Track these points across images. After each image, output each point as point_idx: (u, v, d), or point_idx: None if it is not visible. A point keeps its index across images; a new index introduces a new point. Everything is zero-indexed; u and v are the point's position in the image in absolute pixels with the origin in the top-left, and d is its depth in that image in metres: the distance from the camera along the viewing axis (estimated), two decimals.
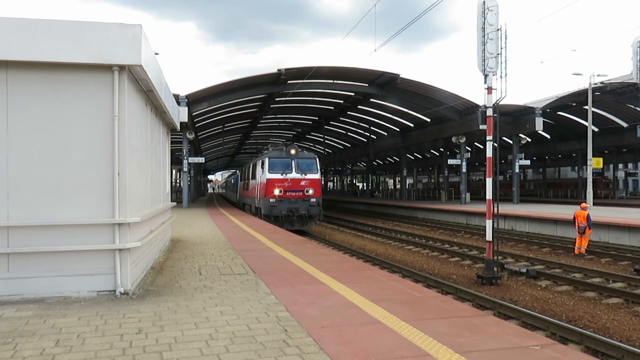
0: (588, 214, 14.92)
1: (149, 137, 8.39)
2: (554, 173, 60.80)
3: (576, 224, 15.02)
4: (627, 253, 14.68)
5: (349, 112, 40.64)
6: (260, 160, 22.40)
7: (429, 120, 36.31)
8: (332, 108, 40.20)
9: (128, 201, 6.16)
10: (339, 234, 22.55)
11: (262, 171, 21.47)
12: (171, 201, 12.62)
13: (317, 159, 22.18)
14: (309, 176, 21.06)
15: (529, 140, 45.06)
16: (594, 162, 27.03)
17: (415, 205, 33.12)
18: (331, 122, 46.23)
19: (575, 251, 14.99)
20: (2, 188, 5.77)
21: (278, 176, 20.67)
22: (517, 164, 32.21)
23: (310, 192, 20.83)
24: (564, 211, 22.28)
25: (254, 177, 24.22)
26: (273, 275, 7.51)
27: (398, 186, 61.33)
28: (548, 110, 32.59)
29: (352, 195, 62.59)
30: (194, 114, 29.36)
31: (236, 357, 4.03)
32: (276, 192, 20.43)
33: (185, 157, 30.21)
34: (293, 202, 20.56)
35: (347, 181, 77.67)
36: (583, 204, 15.71)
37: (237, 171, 40.15)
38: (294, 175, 20.78)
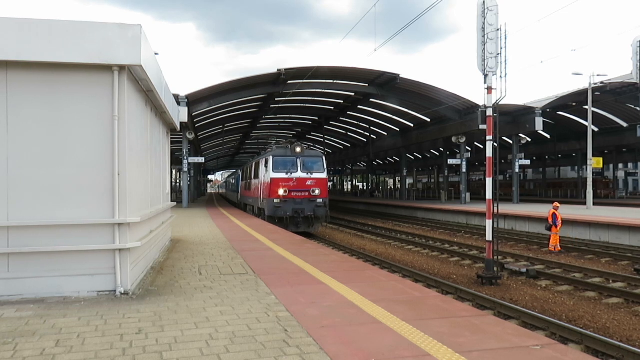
0: (553, 213, 15.49)
1: (149, 137, 8.39)
2: (554, 173, 60.83)
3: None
4: (627, 253, 14.68)
5: (349, 112, 40.66)
6: (264, 159, 21.59)
7: (429, 120, 36.33)
8: (332, 108, 40.21)
9: (128, 201, 6.16)
10: (339, 234, 22.54)
11: (266, 170, 20.68)
12: (171, 201, 12.62)
13: (324, 158, 21.39)
14: (315, 175, 20.19)
15: (529, 140, 45.10)
16: (594, 162, 27.02)
17: (415, 205, 33.12)
18: (331, 122, 46.24)
19: (550, 248, 15.61)
20: (2, 188, 5.77)
21: (283, 175, 19.83)
22: (517, 163, 32.23)
23: (317, 192, 19.97)
24: (564, 211, 22.25)
25: (256, 176, 23.42)
26: (273, 275, 7.51)
27: (398, 186, 61.32)
28: (548, 110, 32.60)
29: (352, 195, 62.59)
30: (194, 114, 29.36)
31: (236, 357, 4.03)
32: (281, 192, 19.60)
33: (185, 157, 30.22)
34: (298, 203, 19.63)
35: (347, 181, 77.65)
36: (555, 204, 16.27)
37: (238, 171, 39.84)
38: (299, 174, 19.94)
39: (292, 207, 19.55)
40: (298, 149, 20.57)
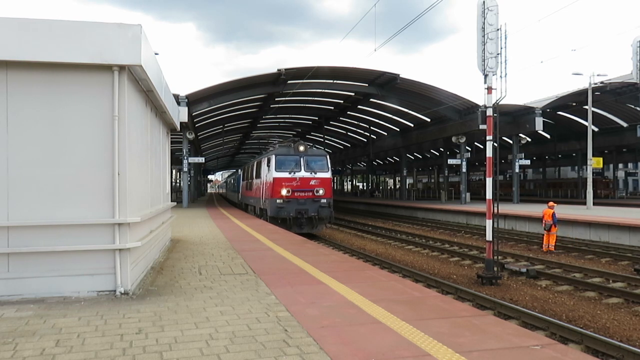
0: (553, 212, 15.44)
1: (149, 137, 8.39)
2: (554, 173, 60.84)
3: (543, 222, 15.64)
4: (627, 253, 14.68)
5: (349, 112, 40.66)
6: (266, 158, 21.10)
7: (429, 120, 36.33)
8: (332, 108, 40.21)
9: (128, 201, 6.15)
10: (339, 234, 22.54)
11: (268, 170, 20.19)
12: (171, 201, 12.62)
13: (328, 157, 20.90)
14: (319, 175, 19.63)
15: (529, 140, 45.08)
16: (594, 162, 27.01)
17: (415, 205, 33.12)
18: (331, 122, 46.23)
19: (544, 248, 15.57)
20: (2, 188, 5.77)
21: (286, 175, 19.27)
22: (517, 163, 32.23)
23: (321, 192, 19.44)
24: (564, 211, 22.28)
25: (258, 176, 22.98)
26: (273, 275, 7.50)
27: (398, 186, 61.33)
28: (548, 110, 32.60)
29: (352, 195, 62.54)
30: (194, 114, 29.35)
31: (236, 357, 4.03)
32: (283, 192, 19.04)
33: (185, 157, 30.21)
34: (302, 203, 19.15)
35: (347, 181, 77.57)
36: (550, 203, 16.24)
37: (239, 170, 39.57)
38: (302, 174, 19.40)
39: (295, 208, 19.11)
40: (301, 148, 20.05)
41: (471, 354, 4.05)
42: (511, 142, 33.22)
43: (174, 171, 45.95)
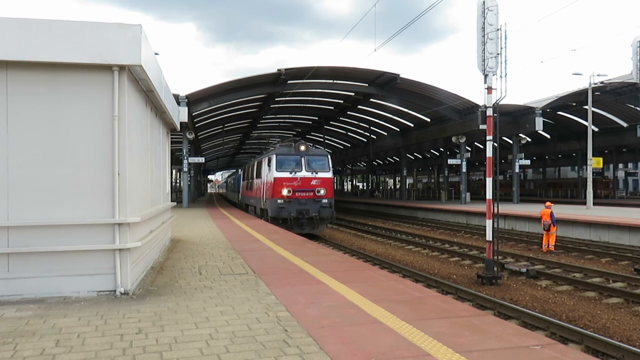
0: (551, 212, 15.49)
1: (149, 137, 8.39)
2: (554, 173, 60.85)
3: (542, 222, 15.69)
4: (627, 253, 14.68)
5: (349, 112, 40.67)
6: (267, 158, 20.90)
7: (429, 120, 36.34)
8: (332, 108, 40.21)
9: (128, 201, 6.16)
10: (339, 234, 22.54)
11: (269, 169, 20.09)
12: (171, 201, 12.62)
13: (329, 156, 20.79)
14: (320, 175, 19.57)
15: (529, 140, 45.09)
16: (594, 162, 27.01)
17: (415, 205, 33.12)
18: (331, 122, 46.24)
19: (544, 248, 15.60)
20: (2, 188, 5.77)
21: (286, 175, 19.20)
22: (517, 163, 32.23)
23: (322, 192, 19.41)
24: (564, 211, 22.29)
25: (259, 175, 22.87)
26: (273, 275, 7.51)
27: (398, 186, 61.31)
28: (548, 110, 32.60)
29: (352, 195, 62.51)
30: (194, 114, 29.36)
31: (236, 357, 4.03)
32: (284, 192, 18.97)
33: (185, 157, 30.21)
34: (303, 203, 19.08)
35: (347, 181, 77.54)
36: (547, 203, 16.30)
37: (239, 170, 39.43)
38: (303, 173, 19.33)
39: (296, 208, 19.01)
40: (302, 147, 19.93)
41: (471, 354, 4.05)
42: (511, 142, 33.23)
43: (174, 171, 45.96)
